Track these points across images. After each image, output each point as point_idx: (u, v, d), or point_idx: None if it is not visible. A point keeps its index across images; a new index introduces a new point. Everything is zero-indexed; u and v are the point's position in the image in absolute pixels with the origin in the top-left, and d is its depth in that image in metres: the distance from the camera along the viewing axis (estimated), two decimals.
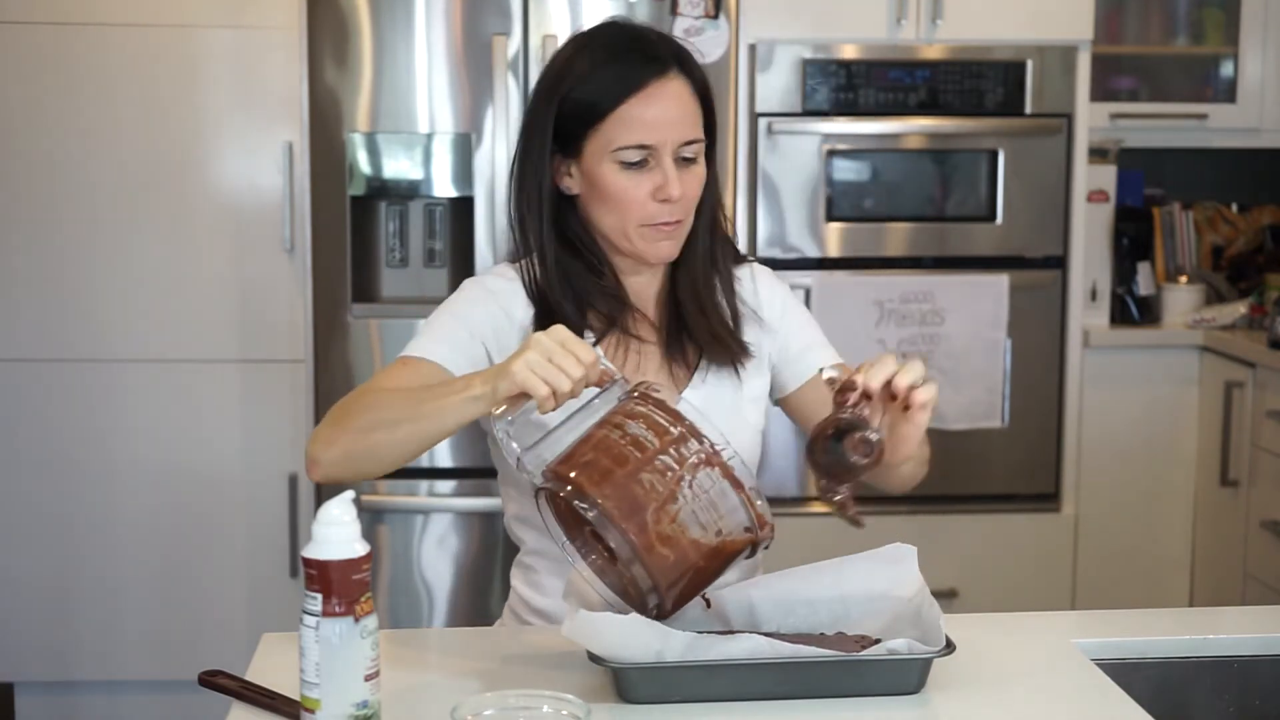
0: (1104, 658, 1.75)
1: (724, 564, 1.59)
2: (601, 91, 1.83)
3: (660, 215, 1.85)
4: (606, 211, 1.87)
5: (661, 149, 1.83)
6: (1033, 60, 3.83)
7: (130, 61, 3.62)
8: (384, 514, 3.48)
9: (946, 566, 3.82)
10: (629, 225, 1.86)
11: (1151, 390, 4.06)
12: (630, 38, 1.88)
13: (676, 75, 1.84)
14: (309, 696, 1.39)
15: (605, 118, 1.83)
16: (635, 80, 1.82)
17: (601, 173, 1.84)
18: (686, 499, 1.55)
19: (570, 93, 1.84)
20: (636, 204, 1.84)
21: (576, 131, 1.85)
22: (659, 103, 1.82)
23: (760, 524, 1.57)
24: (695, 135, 1.86)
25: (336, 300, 3.45)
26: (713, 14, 3.44)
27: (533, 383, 1.58)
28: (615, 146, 1.83)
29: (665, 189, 1.83)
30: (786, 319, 2.02)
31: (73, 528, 3.70)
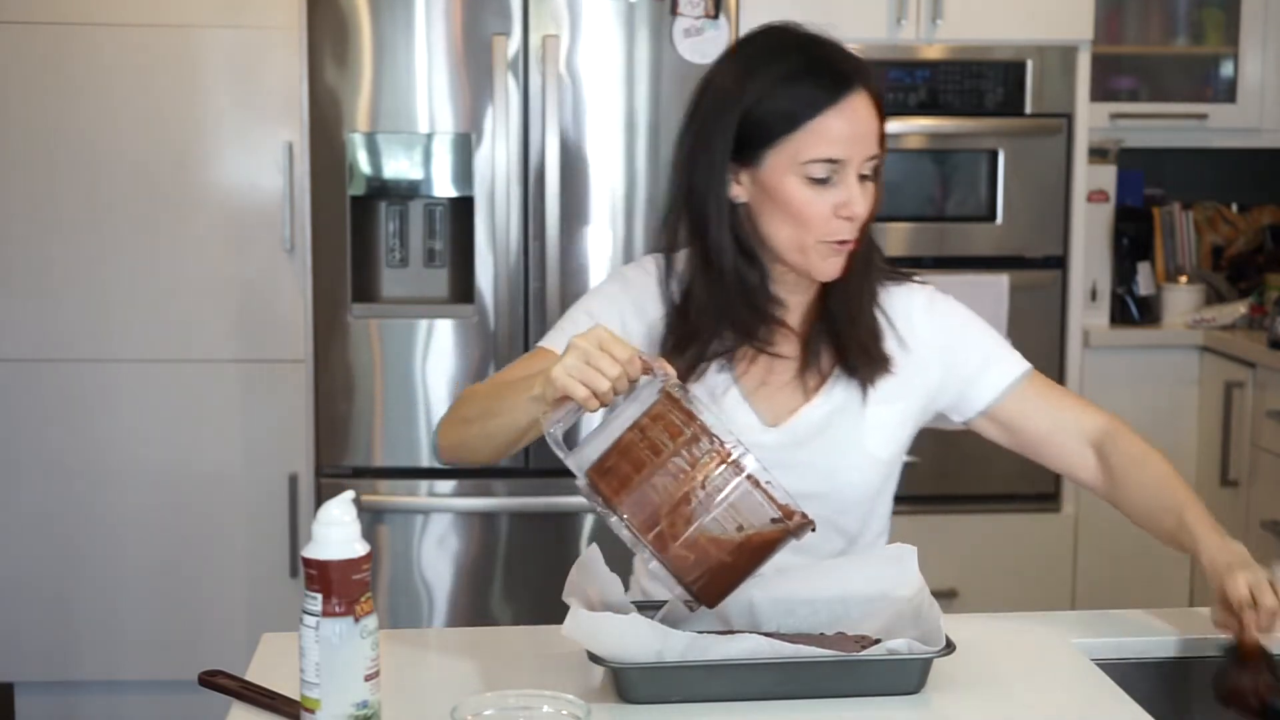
0: (1104, 658, 1.75)
1: (760, 555, 1.58)
2: (795, 104, 1.78)
3: (839, 233, 1.81)
4: (783, 224, 1.82)
5: (849, 165, 1.79)
6: (1033, 60, 3.83)
7: (130, 61, 3.62)
8: (384, 514, 3.48)
9: (946, 566, 3.82)
10: (807, 240, 1.81)
11: (1151, 390, 4.06)
12: (820, 49, 1.83)
13: (863, 90, 1.81)
14: (309, 696, 1.39)
15: (796, 130, 1.78)
16: (831, 95, 1.78)
17: (785, 185, 1.80)
18: (700, 499, 1.54)
19: (758, 103, 1.79)
20: (818, 219, 1.80)
21: (759, 142, 1.80)
22: (851, 118, 1.78)
23: (787, 514, 1.56)
24: (879, 150, 1.83)
25: (336, 300, 3.45)
26: (713, 14, 3.44)
27: (571, 386, 1.58)
28: (805, 159, 1.78)
29: (849, 206, 1.80)
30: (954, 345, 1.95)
31: (73, 528, 3.70)
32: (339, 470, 3.48)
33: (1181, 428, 4.07)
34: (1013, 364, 1.96)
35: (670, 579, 1.56)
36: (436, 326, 3.47)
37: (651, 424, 1.57)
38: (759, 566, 1.60)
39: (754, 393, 1.90)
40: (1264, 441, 3.80)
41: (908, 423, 1.95)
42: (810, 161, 1.78)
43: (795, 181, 1.79)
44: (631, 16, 3.43)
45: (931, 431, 2.02)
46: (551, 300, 3.41)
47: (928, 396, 1.95)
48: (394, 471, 3.49)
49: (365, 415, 3.47)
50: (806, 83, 1.79)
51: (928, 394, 1.94)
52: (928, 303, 1.96)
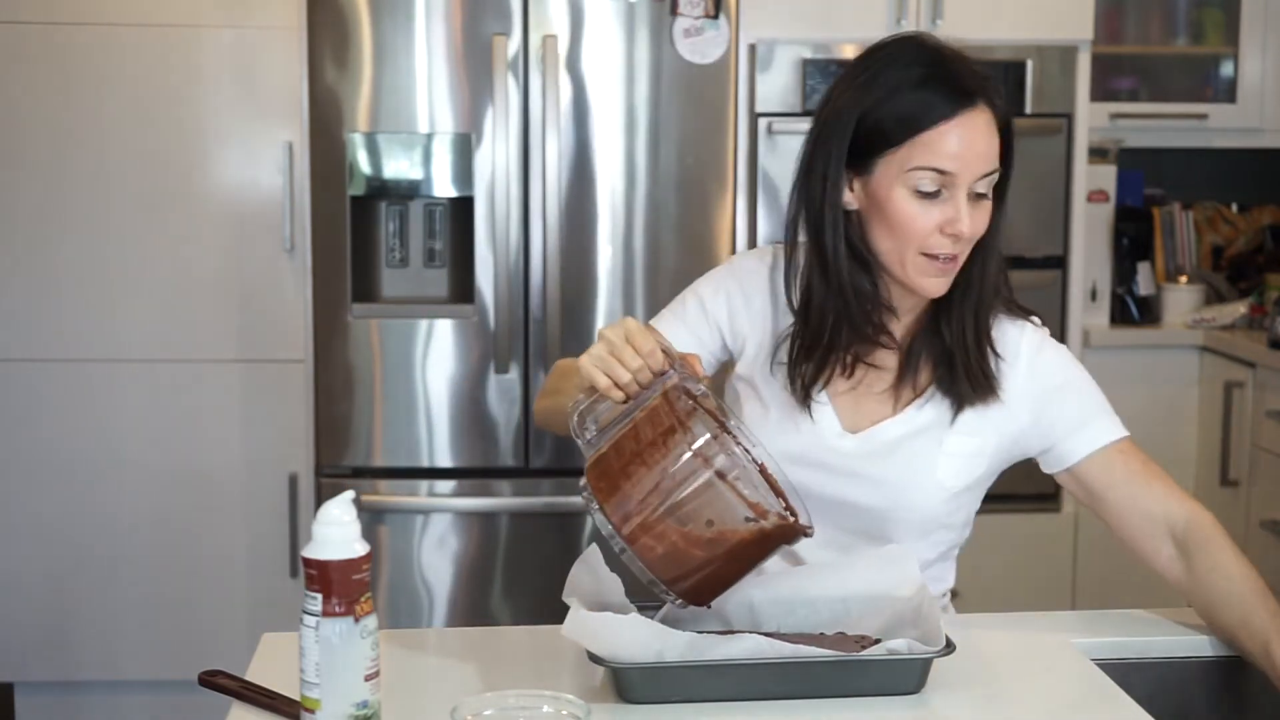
0: (1104, 658, 1.75)
1: (741, 555, 1.57)
2: (911, 113, 1.75)
3: (941, 247, 1.77)
4: (886, 234, 1.79)
5: (959, 180, 1.75)
6: (1033, 60, 3.83)
7: (130, 61, 3.62)
8: (384, 514, 3.48)
9: None
10: (907, 252, 1.78)
11: (1151, 390, 4.06)
12: (944, 62, 1.78)
13: (985, 107, 1.77)
14: (309, 696, 1.39)
15: (908, 140, 1.75)
16: (948, 108, 1.74)
17: (892, 195, 1.77)
18: (666, 490, 1.54)
19: (876, 109, 1.77)
20: (920, 234, 1.77)
21: (873, 149, 1.77)
22: (967, 133, 1.75)
23: (760, 513, 1.55)
24: (993, 167, 1.78)
25: (336, 300, 3.45)
26: (713, 14, 3.44)
27: (594, 375, 1.63)
28: (912, 167, 1.75)
29: (955, 224, 1.76)
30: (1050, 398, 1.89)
31: (73, 528, 3.70)
32: (339, 470, 3.48)
33: (1181, 428, 4.07)
34: (1106, 429, 1.89)
35: (642, 570, 1.56)
36: (436, 326, 3.47)
37: (644, 419, 1.58)
38: (745, 567, 1.60)
39: (840, 396, 1.88)
40: (1264, 441, 3.80)
41: (983, 459, 1.90)
42: (917, 169, 1.75)
43: (902, 193, 1.76)
44: (631, 16, 3.44)
45: None
46: (551, 300, 3.41)
47: (1010, 440, 1.90)
48: (394, 471, 3.49)
49: (365, 415, 3.47)
50: (925, 93, 1.75)
51: (1010, 438, 1.89)
52: (1036, 348, 1.91)
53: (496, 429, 3.48)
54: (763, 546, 1.58)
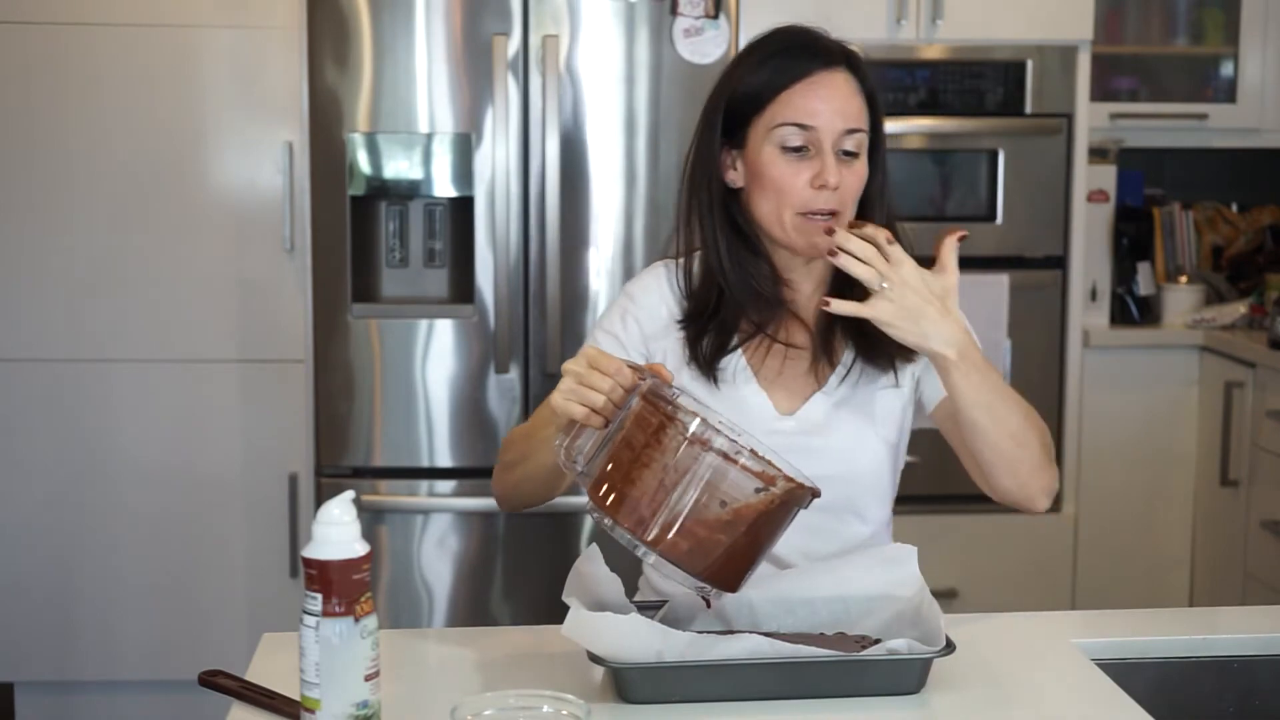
0: (1104, 658, 1.75)
1: (761, 529, 1.57)
2: (768, 78, 1.87)
3: (816, 202, 1.84)
4: (764, 198, 1.87)
5: (822, 135, 1.84)
6: (1033, 60, 3.83)
7: (131, 61, 3.62)
8: (384, 514, 3.48)
9: (946, 566, 3.82)
10: (785, 212, 1.86)
11: (1151, 390, 4.06)
12: (803, 34, 1.92)
13: (843, 70, 1.88)
14: (309, 696, 1.39)
15: (770, 102, 1.86)
16: (802, 68, 1.86)
17: (763, 157, 1.86)
18: (673, 484, 1.54)
19: (742, 81, 1.89)
20: (794, 190, 1.85)
21: (743, 120, 1.88)
22: (825, 89, 1.85)
23: (768, 480, 1.55)
24: (858, 125, 1.86)
25: (336, 300, 3.45)
26: (713, 14, 3.44)
27: (569, 408, 1.64)
28: (776, 124, 1.85)
29: (823, 175, 1.83)
30: None
31: (73, 528, 3.70)
32: (339, 470, 3.48)
33: (1181, 428, 4.07)
34: None
35: (677, 573, 1.56)
36: (436, 326, 3.47)
37: (633, 427, 1.58)
38: (768, 541, 1.59)
39: (771, 382, 1.94)
40: (1264, 441, 3.80)
41: (908, 407, 1.98)
42: (781, 125, 1.85)
43: (772, 151, 1.86)
44: (631, 16, 3.44)
45: (931, 432, 2.02)
46: (551, 300, 3.41)
47: (916, 381, 1.98)
48: (394, 471, 3.49)
49: (365, 415, 3.47)
50: (784, 58, 1.88)
51: (915, 378, 1.97)
52: None
53: (496, 429, 3.48)
54: (779, 516, 1.57)
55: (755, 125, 1.87)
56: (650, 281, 1.99)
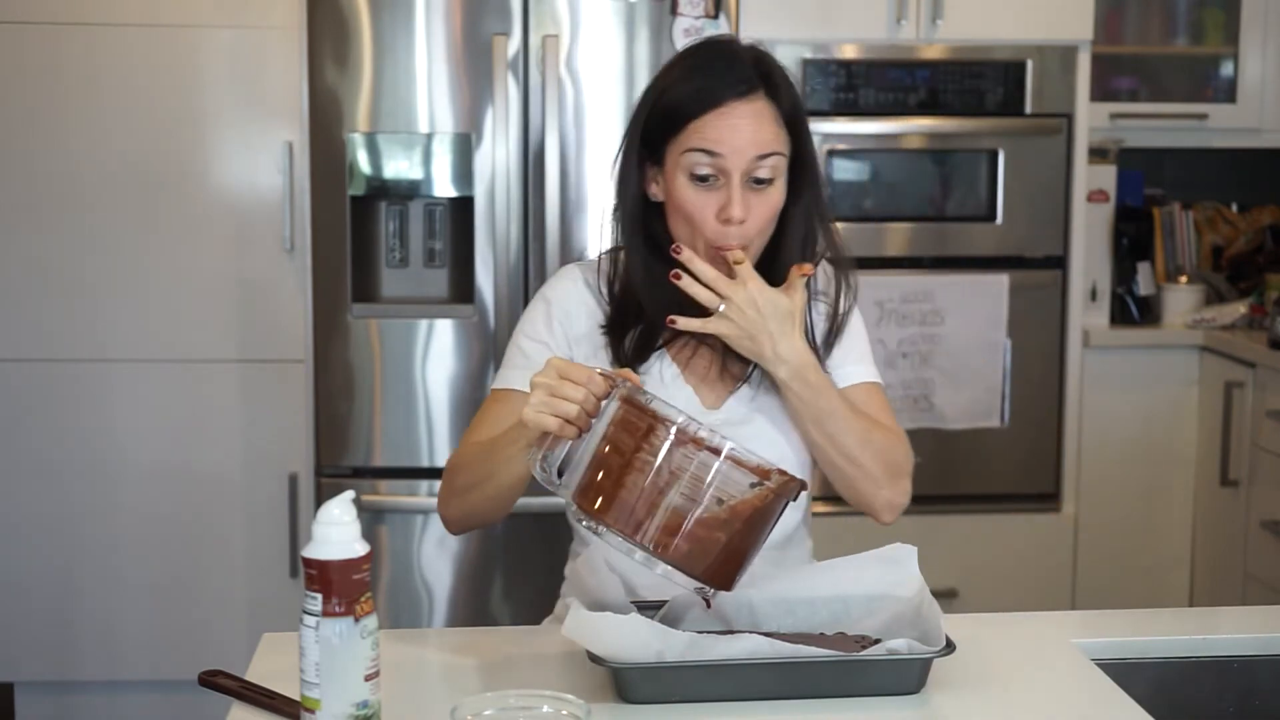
0: (1104, 658, 1.75)
1: (757, 524, 1.57)
2: (684, 102, 1.86)
3: (723, 238, 1.86)
4: (679, 223, 1.89)
5: (730, 164, 1.84)
6: (1033, 60, 3.83)
7: (131, 61, 3.62)
8: (384, 514, 3.48)
9: (946, 566, 3.82)
10: (698, 242, 1.87)
11: (1151, 390, 4.06)
12: (723, 55, 1.90)
13: (759, 97, 1.87)
14: (309, 696, 1.39)
15: (684, 127, 1.86)
16: (713, 97, 1.85)
17: (675, 182, 1.87)
18: (671, 486, 1.54)
19: (659, 100, 1.89)
20: (704, 221, 1.86)
21: (661, 138, 1.88)
22: (735, 120, 1.84)
23: (763, 474, 1.55)
24: (770, 150, 1.86)
25: (336, 300, 3.45)
26: (713, 14, 3.44)
27: (543, 421, 1.63)
28: (685, 150, 1.85)
29: (727, 209, 1.84)
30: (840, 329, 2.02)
31: (73, 528, 3.70)
32: (339, 470, 3.48)
33: (1181, 428, 4.07)
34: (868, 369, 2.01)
35: (677, 574, 1.56)
36: (436, 326, 3.47)
37: (616, 431, 1.58)
38: (761, 536, 1.59)
39: (698, 378, 1.96)
40: (1264, 441, 3.80)
41: None
42: (689, 151, 1.85)
43: (682, 179, 1.87)
44: (631, 16, 3.44)
45: (932, 432, 2.02)
46: None
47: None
48: (394, 471, 3.49)
49: (365, 415, 3.47)
50: (699, 82, 1.86)
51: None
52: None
53: None
54: (771, 510, 1.57)
55: (670, 147, 1.88)
56: (567, 284, 1.99)
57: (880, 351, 3.77)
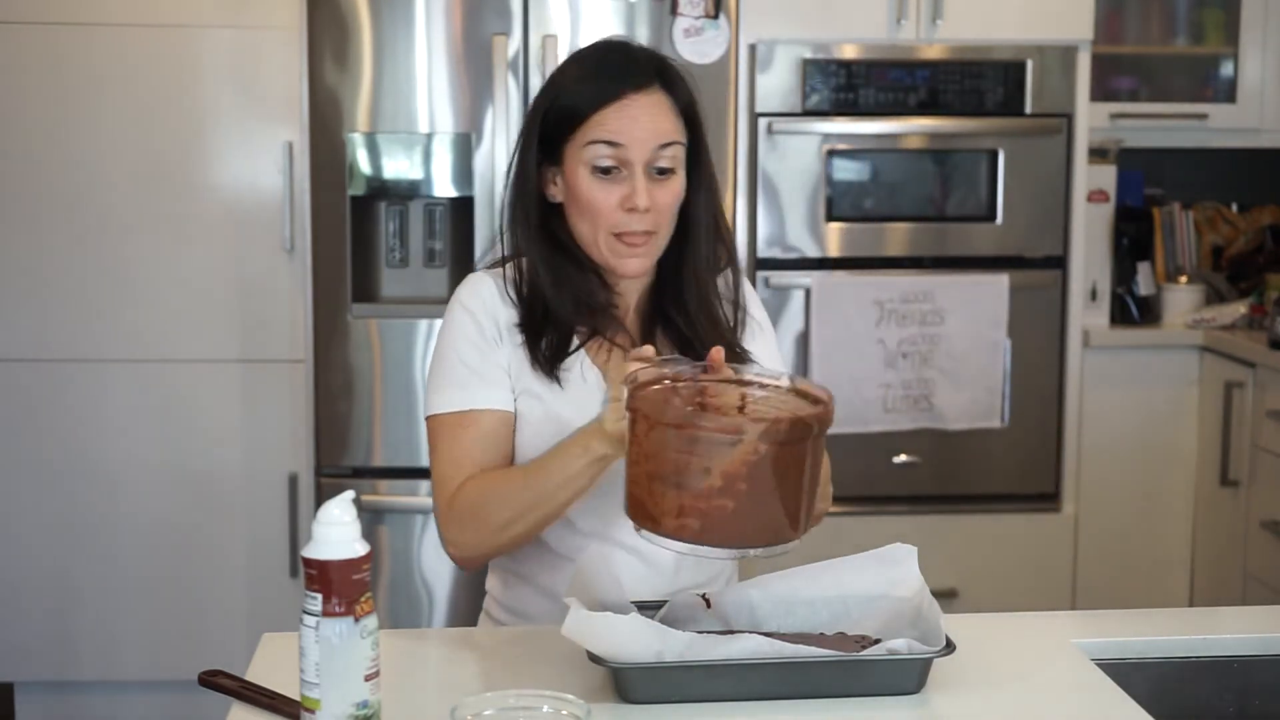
0: (1104, 658, 1.75)
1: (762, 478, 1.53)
2: (581, 98, 1.87)
3: (628, 224, 1.86)
4: (580, 219, 1.89)
5: (632, 154, 1.85)
6: (1033, 60, 3.83)
7: (131, 61, 3.62)
8: (384, 514, 3.48)
9: (946, 566, 3.82)
10: (599, 233, 1.88)
11: (1151, 390, 4.06)
12: (616, 52, 1.92)
13: (656, 90, 1.88)
14: (309, 696, 1.39)
15: (583, 123, 1.86)
16: (611, 91, 1.86)
17: (576, 177, 1.87)
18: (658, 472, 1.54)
19: (555, 101, 1.89)
20: (606, 211, 1.86)
21: (559, 138, 1.88)
22: (631, 113, 1.85)
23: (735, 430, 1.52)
24: (669, 139, 1.87)
25: (336, 300, 3.45)
26: (713, 14, 3.44)
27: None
28: (586, 143, 1.86)
29: (632, 198, 1.85)
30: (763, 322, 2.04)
31: (73, 528, 3.70)
32: (339, 470, 3.48)
33: (1181, 428, 4.07)
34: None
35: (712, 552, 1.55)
36: (436, 327, 3.46)
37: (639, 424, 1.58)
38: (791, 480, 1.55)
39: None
40: (1264, 441, 3.80)
41: None
42: (591, 144, 1.86)
43: (584, 173, 1.87)
44: (631, 16, 3.44)
45: (931, 432, 2.02)
46: None
47: None
48: (394, 471, 3.49)
49: (365, 415, 3.47)
50: (596, 78, 1.88)
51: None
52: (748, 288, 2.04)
53: None
54: (783, 456, 1.53)
55: (570, 145, 1.87)
56: (480, 289, 1.95)
57: (880, 351, 3.77)
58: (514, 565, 1.97)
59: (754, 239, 3.76)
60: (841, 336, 3.77)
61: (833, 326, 3.77)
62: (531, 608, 1.93)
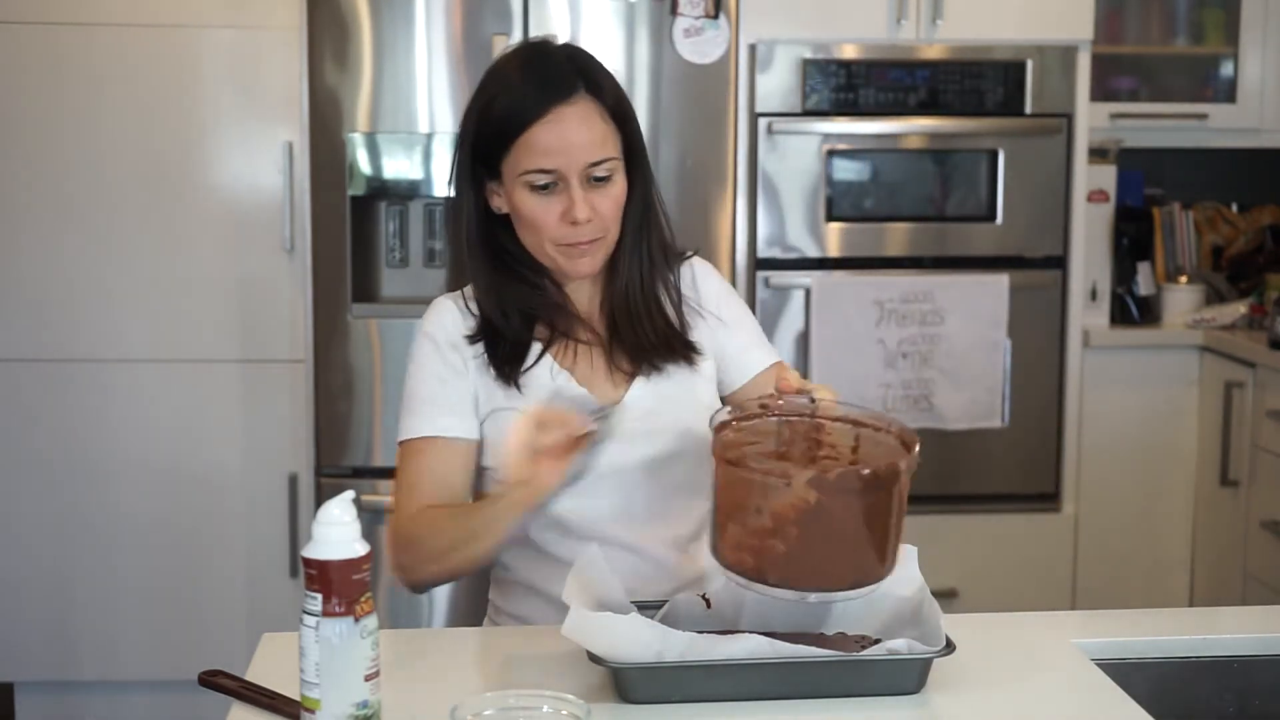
0: (1104, 658, 1.75)
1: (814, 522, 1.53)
2: (507, 118, 1.85)
3: (572, 237, 1.87)
4: (525, 232, 1.90)
5: (567, 173, 1.84)
6: (1033, 60, 3.83)
7: (131, 61, 3.62)
8: (384, 514, 3.48)
9: (946, 566, 3.82)
10: (545, 244, 1.88)
11: (1151, 390, 4.06)
12: (535, 62, 1.88)
13: (582, 98, 1.85)
14: (309, 696, 1.39)
15: (512, 144, 1.85)
16: (537, 108, 1.83)
17: (516, 195, 1.87)
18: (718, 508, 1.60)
19: (484, 117, 1.88)
20: (549, 226, 1.86)
21: (494, 154, 1.88)
22: (560, 128, 1.83)
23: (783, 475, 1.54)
24: (602, 155, 1.86)
25: (336, 300, 3.45)
26: (713, 14, 3.44)
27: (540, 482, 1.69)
28: (521, 171, 1.85)
29: (571, 213, 1.85)
30: (724, 313, 2.02)
31: (73, 528, 3.70)
32: (339, 470, 3.48)
33: (1181, 428, 4.07)
34: (769, 353, 2.02)
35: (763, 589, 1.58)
36: None
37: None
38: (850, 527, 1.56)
39: (588, 378, 1.94)
40: (1264, 441, 3.80)
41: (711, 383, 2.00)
42: (526, 172, 1.85)
43: (523, 192, 1.87)
44: (631, 16, 3.44)
45: (931, 432, 2.02)
46: None
47: (718, 349, 2.00)
48: (394, 471, 3.48)
49: (365, 415, 3.47)
50: (515, 97, 1.85)
51: (717, 348, 2.00)
52: (706, 269, 2.04)
53: None
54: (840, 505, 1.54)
55: (504, 163, 1.86)
56: (442, 315, 1.97)
57: (880, 351, 3.77)
58: (512, 574, 1.97)
59: (754, 239, 3.76)
60: (841, 336, 3.77)
61: (833, 326, 3.77)
62: (535, 614, 1.93)
